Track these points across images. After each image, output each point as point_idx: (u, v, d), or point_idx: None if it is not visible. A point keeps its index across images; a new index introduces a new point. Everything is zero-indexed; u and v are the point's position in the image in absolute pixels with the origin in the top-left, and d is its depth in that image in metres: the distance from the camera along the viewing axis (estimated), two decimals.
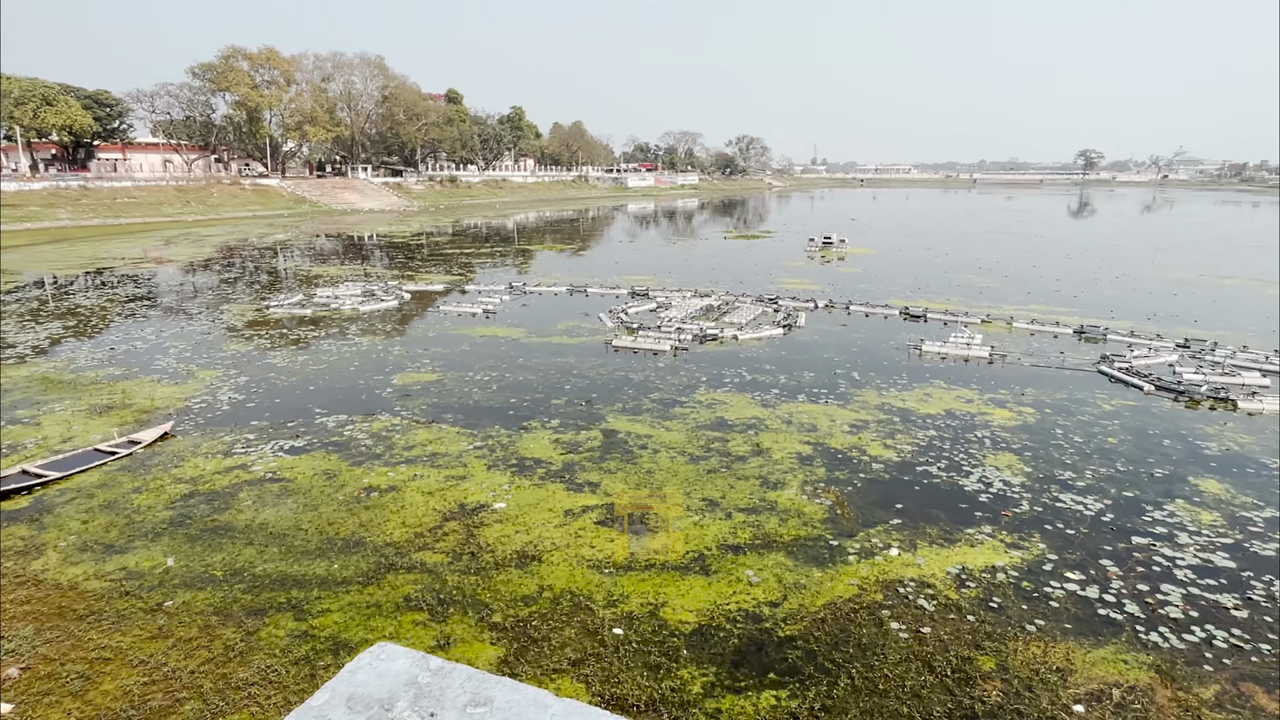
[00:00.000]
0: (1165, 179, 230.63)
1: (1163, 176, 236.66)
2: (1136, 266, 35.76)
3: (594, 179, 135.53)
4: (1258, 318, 22.77)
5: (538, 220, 69.68)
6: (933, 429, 12.48)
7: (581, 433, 12.20)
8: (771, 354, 17.66)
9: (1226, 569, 8.16)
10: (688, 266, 34.78)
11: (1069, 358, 17.39)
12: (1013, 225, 65.55)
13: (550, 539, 8.69)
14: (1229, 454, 11.50)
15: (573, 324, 20.89)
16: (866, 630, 7.00)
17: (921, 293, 26.84)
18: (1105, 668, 6.49)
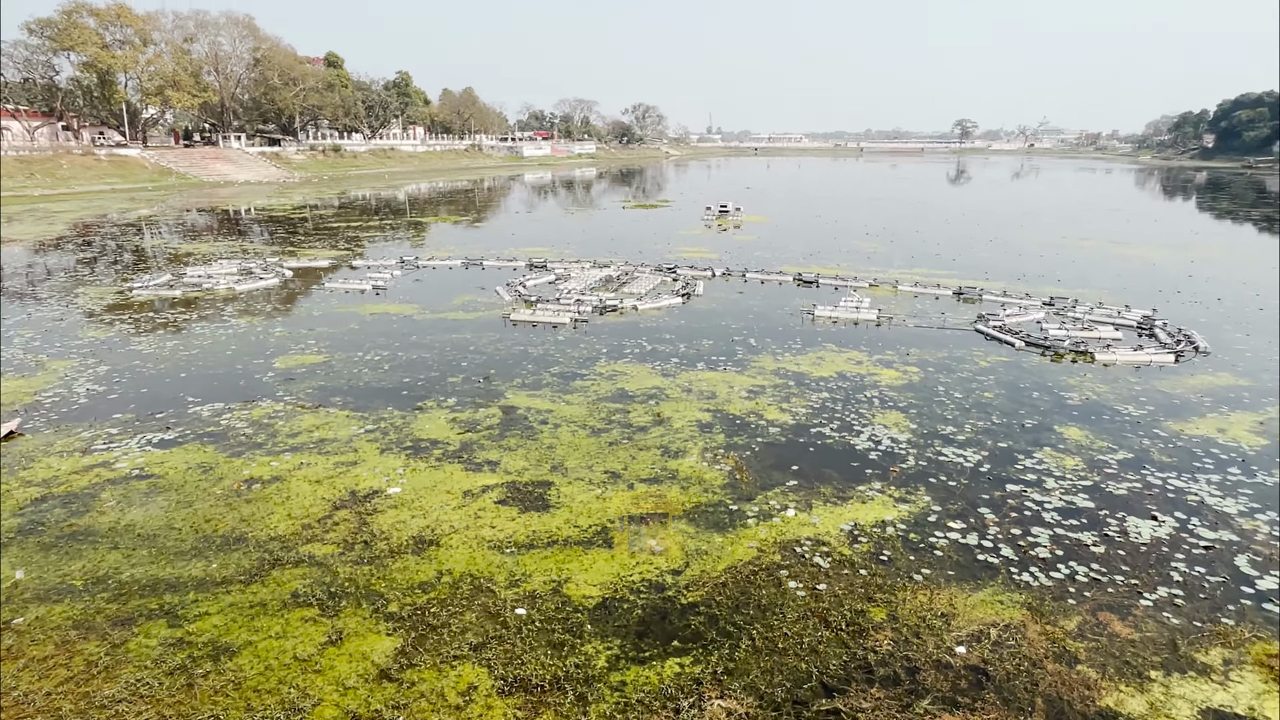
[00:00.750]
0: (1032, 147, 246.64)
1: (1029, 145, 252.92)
2: (1007, 230, 38.11)
3: (488, 148, 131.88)
4: (1111, 276, 24.74)
5: (430, 191, 67.22)
6: (825, 391, 12.90)
7: (480, 410, 11.89)
8: (671, 323, 17.77)
9: (1086, 509, 8.84)
10: (587, 237, 34.45)
11: (949, 318, 18.35)
12: (897, 192, 68.50)
13: (449, 522, 8.44)
14: (1088, 403, 12.45)
15: (469, 298, 20.31)
16: (766, 591, 7.18)
17: (814, 259, 27.64)
18: (984, 609, 6.92)
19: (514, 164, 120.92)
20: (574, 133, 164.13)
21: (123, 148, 71.10)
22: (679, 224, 40.10)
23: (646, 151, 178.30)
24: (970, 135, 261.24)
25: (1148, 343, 16.10)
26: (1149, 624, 6.74)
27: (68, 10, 67.16)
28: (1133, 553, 7.91)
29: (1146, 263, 27.87)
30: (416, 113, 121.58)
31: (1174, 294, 21.63)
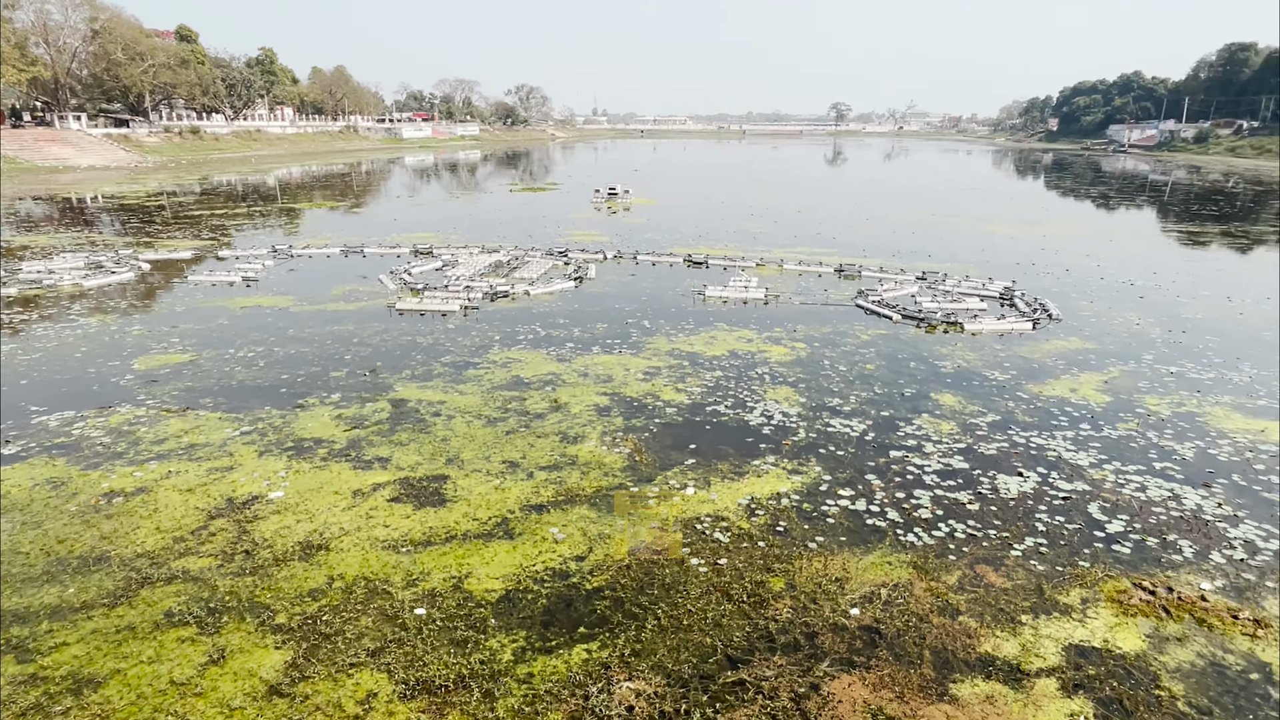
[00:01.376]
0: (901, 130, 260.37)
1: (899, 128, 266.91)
2: (881, 209, 40.10)
3: (364, 129, 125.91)
4: (975, 251, 26.51)
5: (303, 175, 63.47)
6: (719, 369, 13.16)
7: (367, 405, 11.37)
8: (564, 307, 17.60)
9: (962, 470, 9.45)
10: (474, 221, 33.56)
11: (831, 294, 19.12)
12: (779, 173, 70.64)
13: (338, 524, 8.03)
14: (960, 370, 13.31)
15: (350, 288, 19.36)
16: (670, 570, 7.25)
17: (703, 240, 28.10)
18: (874, 571, 7.27)
19: (393, 146, 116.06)
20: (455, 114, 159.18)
21: None
22: (568, 207, 39.75)
23: (532, 133, 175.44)
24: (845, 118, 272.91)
25: (1009, 312, 17.36)
26: (1019, 572, 7.29)
27: None
28: (1003, 508, 8.53)
29: (1005, 237, 30.04)
30: (284, 92, 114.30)
31: (1029, 266, 23.42)
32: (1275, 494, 8.88)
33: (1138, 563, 7.48)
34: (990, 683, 5.84)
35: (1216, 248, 28.91)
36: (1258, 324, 16.74)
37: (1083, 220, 38.29)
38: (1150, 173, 76.86)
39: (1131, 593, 6.96)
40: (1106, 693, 5.76)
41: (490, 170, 75.35)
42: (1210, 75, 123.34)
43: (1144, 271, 22.87)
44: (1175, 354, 14.34)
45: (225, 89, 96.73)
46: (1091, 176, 71.88)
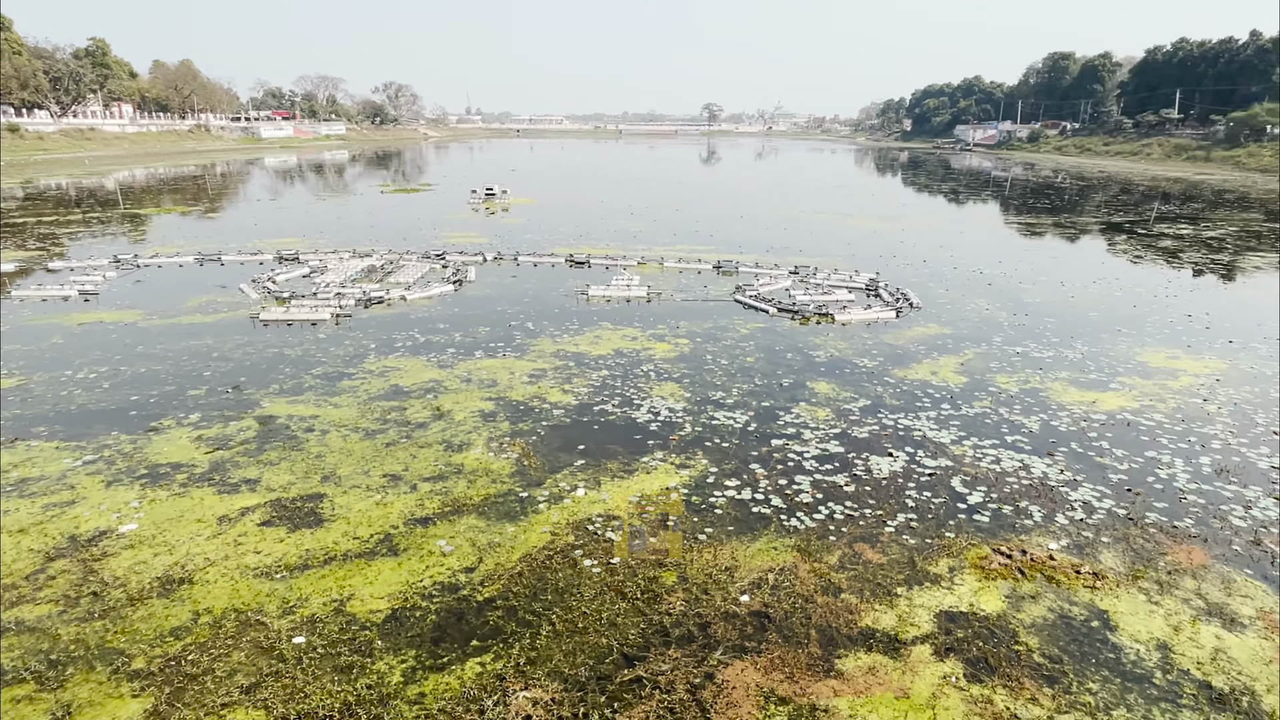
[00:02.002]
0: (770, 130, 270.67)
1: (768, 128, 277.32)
2: (755, 206, 41.51)
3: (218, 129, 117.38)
4: (842, 244, 27.94)
5: (149, 178, 58.37)
6: (605, 369, 13.19)
7: (231, 424, 10.59)
8: (444, 312, 17.11)
9: (838, 454, 9.93)
10: (344, 224, 32.01)
11: (711, 290, 19.60)
12: (657, 172, 71.70)
13: (202, 554, 7.44)
14: (832, 359, 13.97)
15: (207, 299, 17.98)
16: (563, 573, 7.20)
17: (584, 240, 28.09)
18: (761, 557, 7.51)
19: (251, 146, 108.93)
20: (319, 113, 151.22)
21: None
22: (444, 208, 38.67)
23: (403, 133, 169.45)
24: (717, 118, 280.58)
25: (875, 302, 18.41)
26: (893, 547, 7.74)
27: None
28: (876, 487, 9.02)
29: (868, 231, 31.83)
30: (121, 87, 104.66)
31: (891, 258, 24.93)
32: (1107, 458, 9.88)
33: (995, 530, 8.12)
34: (872, 654, 6.16)
35: (1050, 237, 31.85)
36: (1086, 305, 18.57)
37: (937, 214, 41.17)
38: (993, 169, 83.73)
39: (991, 558, 7.55)
40: (973, 653, 6.21)
41: (360, 171, 72.12)
42: (1038, 81, 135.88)
43: (991, 260, 24.87)
44: (1020, 335, 15.67)
45: (49, 82, 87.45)
46: (943, 173, 77.41)
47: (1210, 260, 25.82)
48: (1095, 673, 6.02)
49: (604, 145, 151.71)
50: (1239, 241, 30.34)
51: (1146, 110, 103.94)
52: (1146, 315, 17.63)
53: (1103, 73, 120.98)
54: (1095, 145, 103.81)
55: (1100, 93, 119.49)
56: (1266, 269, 24.53)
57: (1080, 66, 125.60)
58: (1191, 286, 21.46)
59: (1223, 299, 20.21)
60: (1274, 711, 5.65)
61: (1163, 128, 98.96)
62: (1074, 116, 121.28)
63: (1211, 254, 27.06)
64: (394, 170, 74.27)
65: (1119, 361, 13.98)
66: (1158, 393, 12.33)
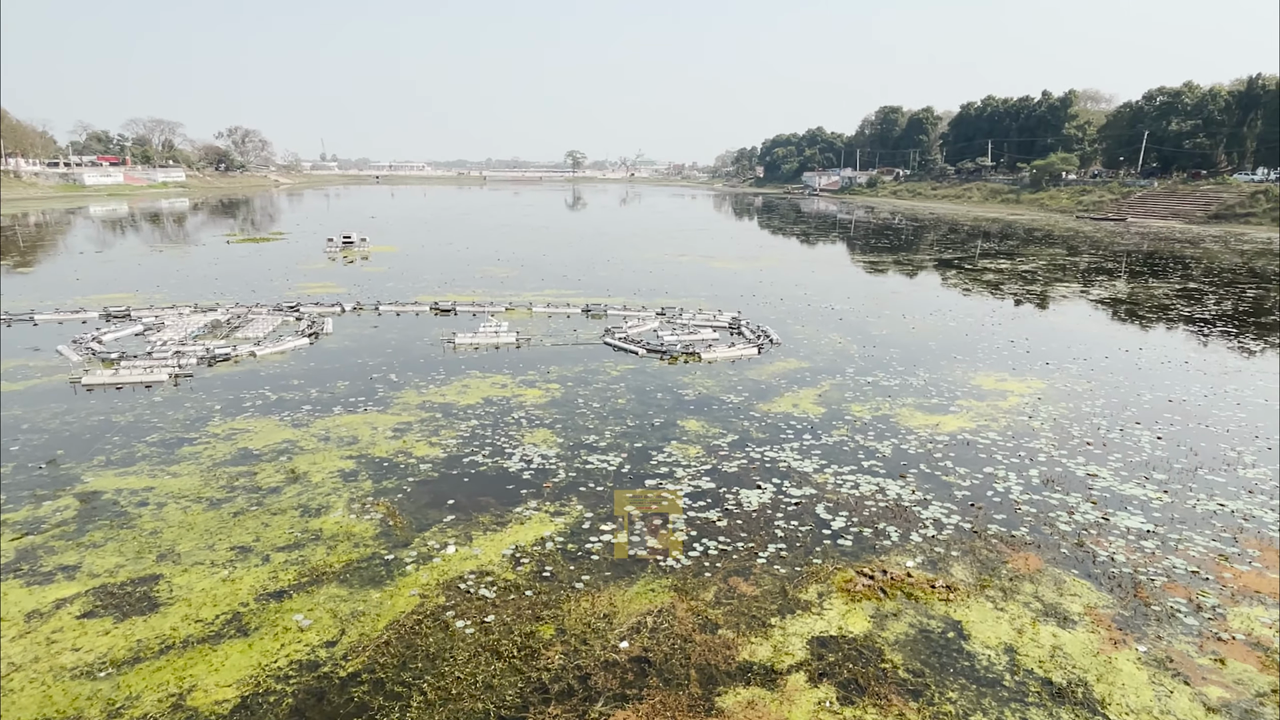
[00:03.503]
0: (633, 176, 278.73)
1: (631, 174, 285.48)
2: (621, 250, 42.36)
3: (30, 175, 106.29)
4: (705, 285, 28.98)
5: None
6: (474, 418, 12.85)
7: (44, 505, 9.40)
8: (299, 367, 16.12)
9: (710, 490, 10.13)
10: (183, 277, 29.66)
11: (581, 334, 19.69)
12: (522, 218, 71.73)
13: (6, 659, 6.47)
14: (701, 396, 14.33)
15: (15, 364, 16.02)
16: (434, 638, 6.83)
17: (449, 287, 27.51)
18: (639, 601, 7.47)
19: (72, 194, 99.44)
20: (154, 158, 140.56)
21: None
22: (298, 257, 36.76)
23: (251, 180, 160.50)
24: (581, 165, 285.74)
25: (738, 340, 19.15)
26: (765, 578, 7.93)
27: None
28: (747, 520, 9.26)
29: (729, 272, 33.23)
30: None
31: (751, 297, 26.10)
32: (952, 476, 10.67)
33: (858, 552, 8.52)
34: (750, 688, 6.24)
35: (892, 273, 34.53)
36: (926, 335, 20.19)
37: (790, 254, 43.67)
38: (838, 212, 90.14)
39: (856, 580, 7.90)
40: (845, 675, 6.42)
41: (203, 220, 67.40)
42: (873, 131, 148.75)
43: (841, 296, 26.59)
44: (870, 366, 16.76)
45: None
46: (794, 216, 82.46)
47: (1026, 291, 28.87)
48: (954, 681, 6.39)
49: (468, 192, 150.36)
50: (1048, 273, 34.17)
51: (965, 158, 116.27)
52: (977, 342, 19.38)
53: (927, 125, 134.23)
54: (925, 189, 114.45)
55: (926, 142, 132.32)
56: (1071, 297, 27.73)
57: (908, 119, 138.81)
58: (1013, 315, 23.86)
59: (1039, 325, 22.58)
60: (1104, 699, 6.20)
61: (980, 174, 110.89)
62: (905, 164, 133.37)
63: (1027, 285, 30.28)
64: (242, 218, 69.97)
65: (957, 386, 15.23)
66: (991, 413, 13.52)
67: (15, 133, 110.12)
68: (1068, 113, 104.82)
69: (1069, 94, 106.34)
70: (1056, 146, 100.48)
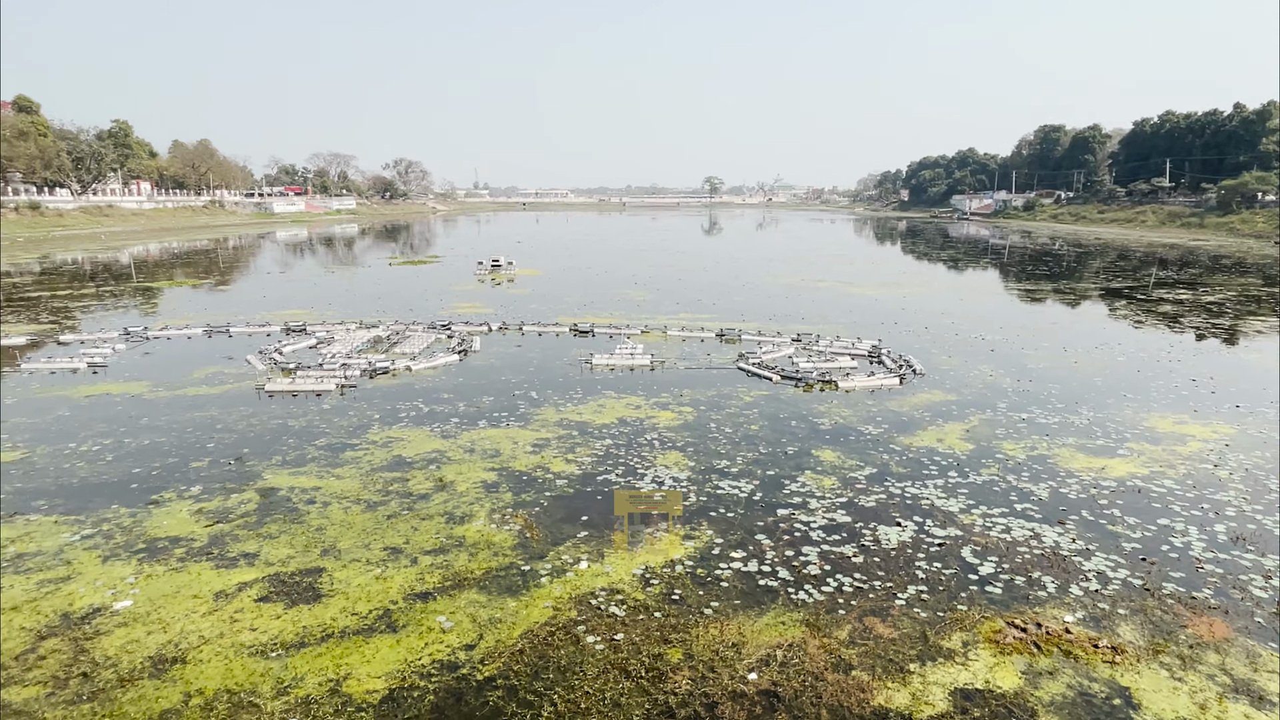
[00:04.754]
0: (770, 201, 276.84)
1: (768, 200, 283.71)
2: (756, 275, 42.09)
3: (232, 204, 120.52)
4: (843, 312, 28.19)
5: (162, 252, 59.64)
6: (608, 438, 13.14)
7: (232, 497, 10.52)
8: (448, 382, 17.17)
9: (845, 524, 9.78)
10: (351, 296, 32.49)
11: (714, 358, 19.69)
12: (659, 243, 73.01)
13: (197, 632, 7.27)
14: (837, 426, 13.91)
15: (213, 370, 18.11)
16: (565, 651, 7.00)
17: (587, 309, 28.40)
18: (769, 633, 7.31)
19: (263, 221, 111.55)
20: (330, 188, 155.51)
21: None
22: (451, 279, 39.29)
23: (412, 207, 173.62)
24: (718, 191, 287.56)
25: (878, 369, 18.45)
26: (904, 621, 7.53)
27: None
28: (885, 558, 8.85)
29: (869, 299, 32.15)
30: (140, 166, 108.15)
31: (892, 325, 25.10)
32: (1119, 526, 9.71)
33: (1009, 601, 7.91)
34: None
35: (1051, 303, 32.09)
36: (1090, 371, 18.56)
37: (936, 281, 41.66)
38: (990, 237, 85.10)
39: (1006, 631, 7.33)
40: None
41: (368, 244, 73.63)
42: (1030, 152, 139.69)
43: (992, 327, 25.01)
44: (1024, 401, 15.62)
45: (72, 162, 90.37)
46: (941, 241, 78.67)
47: (1211, 325, 25.92)
48: None
49: (608, 217, 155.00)
50: (1239, 306, 30.53)
51: (1138, 179, 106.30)
52: (1151, 380, 17.60)
53: (1093, 144, 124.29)
54: (1090, 213, 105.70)
55: (1092, 162, 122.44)
56: (1268, 333, 24.60)
57: (1070, 138, 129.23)
58: (1194, 351, 21.48)
59: (1226, 363, 20.19)
60: None
61: (1155, 195, 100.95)
62: (1067, 185, 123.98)
63: (1212, 318, 27.19)
64: (402, 243, 75.78)
65: (1126, 427, 13.88)
66: (1167, 458, 12.20)
67: (222, 169, 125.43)
68: (1266, 126, 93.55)
69: (1268, 105, 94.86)
70: (1251, 165, 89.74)
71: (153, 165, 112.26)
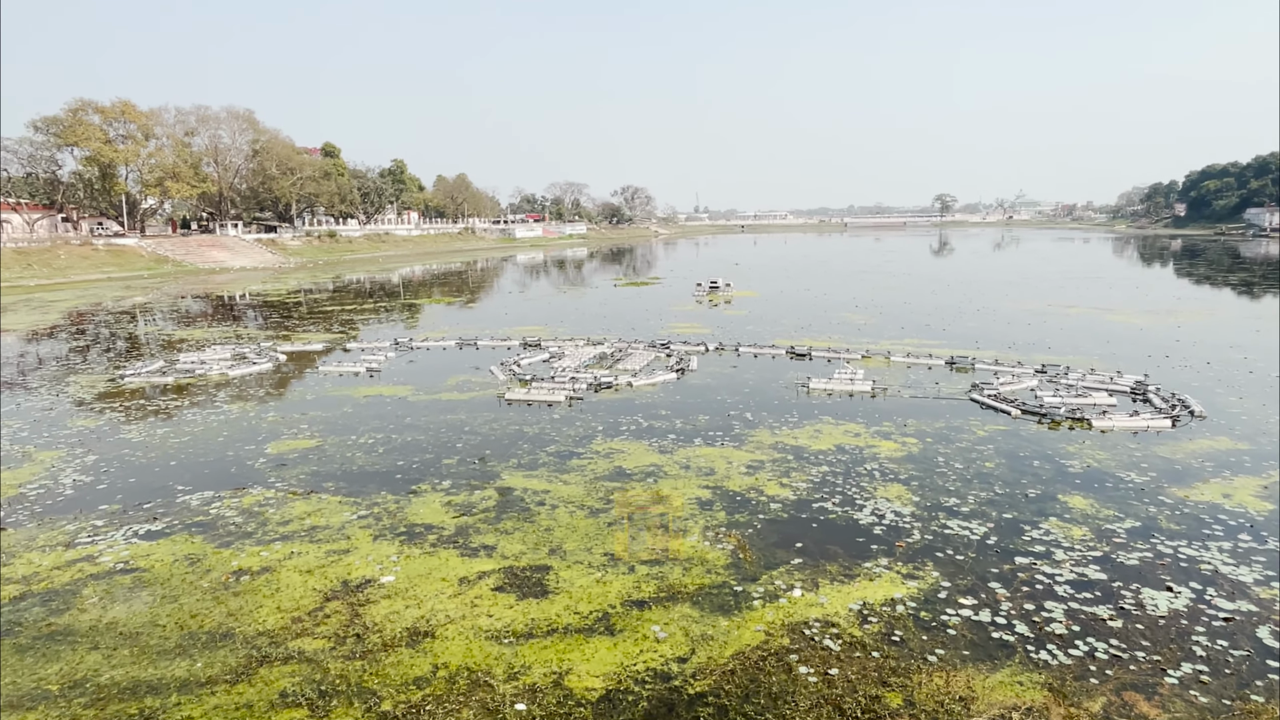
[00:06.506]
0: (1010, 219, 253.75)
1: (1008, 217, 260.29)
2: (993, 299, 38.69)
3: (481, 230, 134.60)
4: (1100, 342, 24.99)
5: (424, 273, 68.14)
6: (825, 464, 12.76)
7: (475, 493, 11.68)
8: (666, 399, 17.72)
9: (1099, 581, 8.63)
10: (579, 315, 34.77)
11: (943, 387, 18.38)
12: (883, 265, 69.83)
13: (444, 611, 8.15)
14: (1090, 470, 12.34)
15: (463, 379, 20.28)
16: (776, 678, 6.89)
17: (805, 332, 27.89)
18: (1003, 691, 6.64)
19: (506, 245, 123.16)
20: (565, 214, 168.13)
21: (120, 237, 72.19)
22: (670, 300, 40.60)
23: (636, 231, 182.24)
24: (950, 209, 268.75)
25: (1143, 408, 16.11)
26: (1176, 703, 6.47)
27: (73, 109, 69.46)
28: (1151, 626, 7.67)
29: (1133, 328, 28.22)
30: (411, 198, 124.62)
31: (1163, 359, 21.81)
32: None
33: None
34: None
35: None
36: None
37: (1222, 309, 35.58)
38: None
39: None
40: None
41: (596, 266, 78.45)
42: None
43: None
44: None
45: (360, 196, 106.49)
46: (1229, 263, 67.13)
47: None
48: None
49: (828, 239, 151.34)
50: None
51: None
52: None
53: None
54: None
55: None
56: None
57: None
58: None
59: None
60: None
61: None
62: None
63: None
64: (626, 265, 79.78)
65: None
66: None
67: (475, 199, 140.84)
68: None
69: None
70: None
71: (420, 197, 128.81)
